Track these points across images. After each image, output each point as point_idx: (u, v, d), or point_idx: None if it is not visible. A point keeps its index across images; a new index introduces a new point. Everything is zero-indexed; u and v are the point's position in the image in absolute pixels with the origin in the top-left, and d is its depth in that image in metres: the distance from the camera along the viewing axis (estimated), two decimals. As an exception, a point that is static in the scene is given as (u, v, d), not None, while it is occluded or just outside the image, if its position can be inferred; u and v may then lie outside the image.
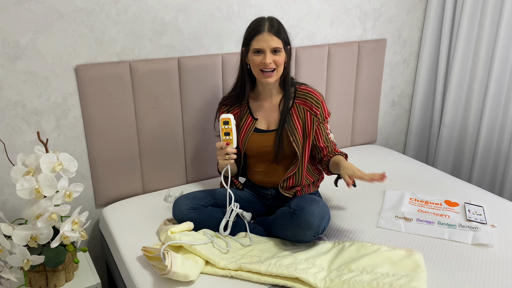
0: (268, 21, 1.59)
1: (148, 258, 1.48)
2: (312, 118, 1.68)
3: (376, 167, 2.28)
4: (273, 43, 1.56)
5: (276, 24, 1.59)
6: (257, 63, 1.59)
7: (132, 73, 1.85)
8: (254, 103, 1.75)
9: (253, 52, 1.60)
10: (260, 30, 1.57)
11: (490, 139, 2.46)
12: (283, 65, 1.63)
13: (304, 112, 1.68)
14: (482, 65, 2.43)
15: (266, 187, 1.80)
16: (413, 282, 1.31)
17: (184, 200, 1.68)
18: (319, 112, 1.68)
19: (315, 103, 1.68)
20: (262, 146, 1.71)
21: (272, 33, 1.56)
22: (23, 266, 1.44)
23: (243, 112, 1.74)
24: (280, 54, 1.59)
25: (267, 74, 1.60)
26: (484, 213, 1.82)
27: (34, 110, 1.74)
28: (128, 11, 1.80)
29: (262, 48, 1.57)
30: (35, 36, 1.66)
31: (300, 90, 1.70)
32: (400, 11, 2.53)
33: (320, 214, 1.50)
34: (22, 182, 1.41)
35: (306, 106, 1.68)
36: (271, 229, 1.66)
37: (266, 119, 1.72)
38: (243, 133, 1.73)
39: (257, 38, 1.57)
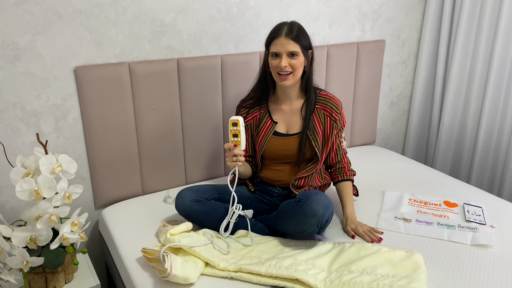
0: (288, 25, 1.63)
1: (148, 259, 1.47)
2: (331, 124, 1.72)
3: (376, 168, 2.28)
4: (290, 47, 1.59)
5: (295, 28, 1.62)
6: (274, 66, 1.63)
7: (131, 74, 1.84)
8: (274, 106, 1.77)
9: (271, 55, 1.64)
10: (278, 34, 1.61)
11: (488, 140, 2.47)
12: (301, 69, 1.65)
13: (325, 117, 1.72)
14: (481, 66, 2.43)
15: (274, 185, 1.81)
16: (413, 283, 1.31)
17: (187, 192, 1.68)
18: (338, 119, 1.73)
19: (335, 109, 1.72)
20: (282, 149, 1.73)
21: (289, 37, 1.60)
22: (22, 267, 1.43)
23: (262, 114, 1.76)
24: (297, 58, 1.61)
25: (283, 77, 1.63)
26: (483, 213, 1.82)
27: (33, 112, 1.73)
28: (127, 13, 1.80)
29: (278, 52, 1.61)
30: (34, 38, 1.66)
31: (321, 95, 1.74)
32: (398, 12, 2.53)
33: (325, 203, 1.52)
34: (21, 183, 1.40)
35: (326, 112, 1.72)
36: (273, 222, 1.67)
37: (286, 122, 1.75)
38: (262, 136, 1.74)
39: (275, 42, 1.62)
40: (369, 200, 1.95)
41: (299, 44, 1.61)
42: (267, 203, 1.82)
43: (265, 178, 1.82)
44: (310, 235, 1.58)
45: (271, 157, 1.77)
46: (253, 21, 2.09)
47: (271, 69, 1.66)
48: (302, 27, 1.66)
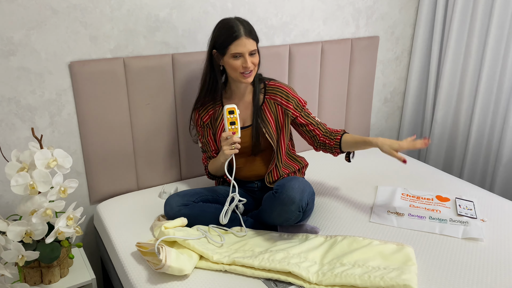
0: (241, 24, 1.62)
1: (143, 253, 1.49)
2: (284, 112, 1.74)
3: (370, 164, 2.30)
4: (250, 46, 1.62)
5: (247, 25, 1.64)
6: (237, 66, 1.63)
7: (126, 69, 1.85)
8: (227, 102, 1.78)
9: (232, 56, 1.63)
10: (238, 35, 1.60)
11: (481, 136, 2.49)
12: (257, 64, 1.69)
13: (275, 106, 1.74)
14: (473, 62, 2.46)
15: (251, 181, 1.84)
16: (404, 275, 1.33)
17: (174, 197, 1.70)
18: (292, 105, 1.73)
19: (285, 97, 1.74)
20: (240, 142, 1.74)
21: (249, 37, 1.61)
22: (17, 261, 1.44)
23: (218, 112, 1.77)
24: (256, 55, 1.66)
25: (247, 75, 1.65)
26: (474, 208, 1.85)
27: (28, 107, 1.74)
28: (122, 8, 1.80)
29: (242, 52, 1.61)
30: (28, 33, 1.66)
31: (270, 85, 1.76)
32: (392, 8, 2.55)
33: (301, 187, 1.55)
34: (16, 178, 1.41)
35: (277, 101, 1.74)
36: (260, 217, 1.69)
37: (241, 116, 1.76)
38: (221, 131, 1.76)
39: (237, 43, 1.60)
40: (362, 194, 1.97)
41: (256, 41, 1.64)
42: (255, 198, 1.84)
43: (240, 176, 1.84)
44: (297, 220, 1.60)
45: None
46: (248, 16, 2.09)
47: (230, 69, 1.65)
48: (249, 22, 1.67)
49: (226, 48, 1.62)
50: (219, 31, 1.66)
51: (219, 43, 1.64)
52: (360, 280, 1.33)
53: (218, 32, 1.66)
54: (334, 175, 2.15)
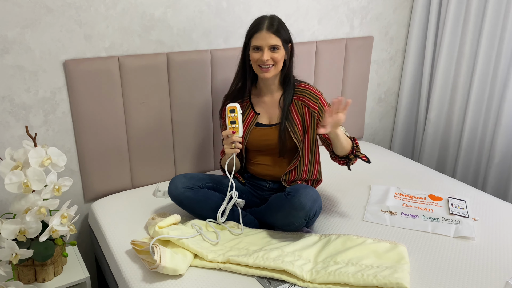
0: (269, 19, 1.65)
1: (137, 251, 1.49)
2: (310, 113, 1.73)
3: (363, 163, 2.31)
4: (271, 40, 1.62)
5: (275, 22, 1.64)
6: (256, 59, 1.65)
7: (121, 68, 1.85)
8: (256, 98, 1.79)
9: (252, 49, 1.65)
10: (259, 28, 1.63)
11: (473, 135, 2.52)
12: (281, 62, 1.67)
13: (303, 107, 1.73)
14: (466, 62, 2.48)
15: (265, 180, 1.83)
16: (397, 273, 1.34)
17: (181, 178, 1.70)
18: (317, 107, 1.72)
19: (313, 99, 1.72)
20: (264, 139, 1.75)
21: (270, 31, 1.62)
22: (11, 260, 1.44)
23: (245, 106, 1.78)
24: (278, 52, 1.64)
25: (264, 69, 1.65)
26: (466, 207, 1.87)
27: (22, 105, 1.73)
28: (117, 7, 1.80)
29: (260, 45, 1.63)
30: (23, 31, 1.66)
31: (299, 87, 1.75)
32: (387, 9, 2.56)
33: (313, 197, 1.55)
34: (10, 176, 1.41)
35: (304, 102, 1.73)
36: (263, 215, 1.69)
37: (268, 114, 1.77)
38: (245, 127, 1.76)
39: (256, 36, 1.63)
40: (356, 194, 1.99)
41: (280, 37, 1.63)
42: (257, 196, 1.84)
43: (255, 173, 1.84)
44: (298, 228, 1.61)
45: (255, 148, 1.78)
46: (243, 16, 2.10)
47: (252, 62, 1.68)
48: (282, 21, 1.68)
49: (249, 40, 1.66)
50: (249, 26, 1.69)
51: (246, 37, 1.69)
52: (353, 278, 1.34)
53: (249, 27, 1.69)
54: (328, 175, 2.16)
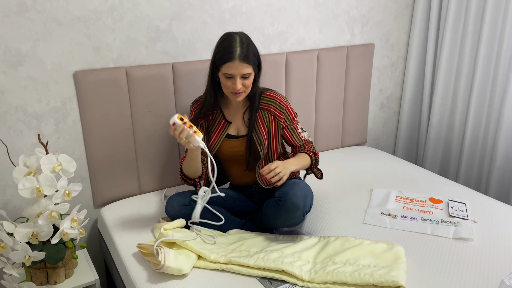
0: (240, 46, 1.60)
1: (143, 254, 1.55)
2: (276, 122, 1.76)
3: (366, 168, 2.36)
4: (243, 70, 1.60)
5: (245, 47, 1.61)
6: (228, 86, 1.64)
7: (128, 78, 1.93)
8: (225, 109, 1.80)
9: (224, 75, 1.63)
10: (232, 57, 1.59)
11: (475, 139, 2.55)
12: (251, 85, 1.67)
13: (269, 117, 1.76)
14: (466, 68, 2.51)
15: (248, 185, 1.89)
16: (393, 272, 1.38)
17: (176, 197, 1.75)
18: (283, 116, 1.76)
19: (279, 108, 1.76)
20: (233, 151, 1.79)
21: (242, 60, 1.59)
22: (24, 262, 1.51)
23: (216, 115, 1.79)
24: (250, 78, 1.64)
25: (236, 95, 1.66)
26: (466, 209, 1.89)
27: (34, 114, 1.82)
28: (124, 19, 1.89)
29: (233, 74, 1.61)
30: (35, 44, 1.75)
31: (265, 96, 1.77)
32: (387, 16, 2.62)
33: (303, 194, 1.62)
34: (23, 182, 1.49)
35: (270, 112, 1.76)
36: (261, 221, 1.74)
37: (236, 124, 1.79)
38: (216, 135, 1.78)
39: (228, 65, 1.60)
40: (358, 197, 2.03)
41: (251, 64, 1.62)
42: (254, 201, 1.90)
43: (236, 183, 1.91)
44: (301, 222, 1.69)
45: (226, 158, 1.83)
46: (245, 26, 2.17)
47: (223, 87, 1.67)
48: (250, 42, 1.64)
49: (220, 66, 1.62)
50: (218, 47, 1.65)
51: (216, 58, 1.65)
52: (350, 278, 1.38)
53: (217, 47, 1.65)
54: (331, 179, 2.21)
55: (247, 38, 1.65)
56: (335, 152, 2.59)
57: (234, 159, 1.82)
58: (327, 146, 2.61)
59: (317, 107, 2.49)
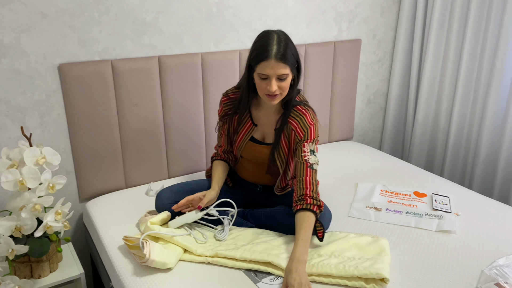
0: (277, 44, 1.49)
1: (129, 247, 1.54)
2: (295, 138, 1.66)
3: (352, 162, 2.38)
4: (279, 70, 1.49)
5: (283, 46, 1.50)
6: (263, 88, 1.54)
7: (114, 71, 1.91)
8: (255, 111, 1.72)
9: (259, 76, 1.53)
10: (267, 56, 1.48)
11: (459, 134, 2.58)
12: (288, 88, 1.57)
13: (290, 131, 1.66)
14: (451, 64, 2.55)
15: (254, 183, 1.86)
16: (377, 264, 1.40)
17: (166, 193, 1.74)
18: (303, 136, 1.63)
19: (303, 127, 1.63)
20: (255, 155, 1.76)
21: (279, 59, 1.48)
22: (8, 255, 1.49)
23: (243, 115, 1.73)
24: (287, 80, 1.53)
25: (271, 97, 1.56)
26: (449, 203, 1.92)
27: (18, 107, 1.80)
28: (109, 12, 1.87)
29: (268, 75, 1.50)
30: (18, 36, 1.72)
31: (296, 110, 1.65)
32: (374, 12, 2.63)
33: (329, 218, 1.68)
34: (6, 174, 1.47)
35: (293, 127, 1.64)
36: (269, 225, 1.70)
37: (262, 129, 1.72)
38: (241, 136, 1.74)
39: (264, 65, 1.49)
40: (343, 191, 2.04)
41: (289, 64, 1.50)
42: (248, 197, 1.88)
43: (244, 177, 1.87)
44: None
45: (248, 158, 1.80)
46: (232, 20, 2.17)
47: (258, 88, 1.57)
48: (289, 41, 1.53)
49: (255, 65, 1.52)
50: (255, 45, 1.55)
51: (251, 58, 1.55)
52: (335, 270, 1.40)
53: (254, 45, 1.55)
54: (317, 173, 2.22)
55: (286, 37, 1.54)
56: (322, 147, 2.61)
57: (256, 161, 1.78)
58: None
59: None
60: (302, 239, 1.45)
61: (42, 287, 1.63)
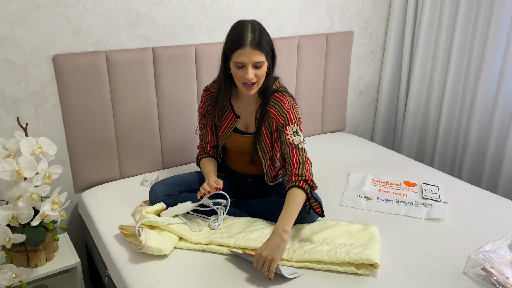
0: (251, 32, 1.52)
1: (125, 235, 1.57)
2: (277, 127, 1.67)
3: (344, 153, 2.41)
4: (255, 57, 1.51)
5: (258, 34, 1.52)
6: (239, 76, 1.56)
7: (108, 62, 1.93)
8: (235, 102, 1.74)
9: (235, 64, 1.55)
10: (242, 44, 1.50)
11: (449, 126, 2.63)
12: (264, 76, 1.59)
13: (271, 119, 1.67)
14: (442, 56, 2.59)
15: (245, 174, 1.88)
16: (367, 250, 1.44)
17: (160, 186, 1.76)
18: (283, 121, 1.65)
19: (281, 112, 1.65)
20: (239, 146, 1.78)
21: (254, 47, 1.50)
22: (5, 244, 1.51)
23: (225, 107, 1.75)
24: (262, 67, 1.56)
25: (248, 87, 1.58)
26: (439, 192, 1.97)
27: (13, 98, 1.80)
28: (104, 3, 1.88)
29: (244, 63, 1.53)
30: (13, 26, 1.73)
31: (274, 97, 1.67)
32: (366, 4, 2.66)
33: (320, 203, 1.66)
34: (3, 164, 1.48)
35: (273, 114, 1.67)
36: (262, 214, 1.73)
37: (245, 120, 1.75)
38: (223, 128, 1.77)
39: (239, 52, 1.51)
40: (335, 181, 2.08)
41: (264, 52, 1.53)
42: (240, 187, 1.90)
43: (235, 169, 1.89)
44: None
45: (232, 148, 1.82)
46: (225, 12, 2.18)
47: (234, 77, 1.60)
48: (263, 29, 1.57)
49: (231, 54, 1.54)
50: (229, 34, 1.57)
51: (227, 47, 1.57)
52: (327, 256, 1.43)
53: (229, 35, 1.57)
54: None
55: (260, 26, 1.57)
56: (315, 138, 2.64)
57: (240, 151, 1.80)
58: (307, 133, 2.66)
59: (297, 94, 2.52)
60: (285, 213, 1.48)
61: (38, 275, 1.65)
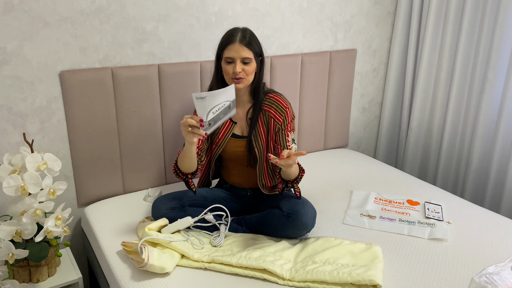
0: (241, 32, 1.68)
1: (127, 252, 1.57)
2: (275, 125, 1.76)
3: (347, 170, 2.42)
4: (243, 53, 1.64)
5: (248, 35, 1.68)
6: (228, 71, 1.68)
7: (114, 79, 1.95)
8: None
9: (225, 61, 1.68)
10: (232, 40, 1.65)
11: (452, 144, 2.63)
12: (252, 75, 1.71)
13: (269, 118, 1.76)
14: (445, 75, 2.60)
15: (244, 188, 1.91)
16: (370, 271, 1.44)
17: (162, 201, 1.78)
18: (282, 119, 1.76)
19: (280, 111, 1.76)
20: (236, 151, 1.81)
21: (243, 44, 1.65)
22: (8, 259, 1.52)
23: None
24: (250, 64, 1.67)
25: (236, 80, 1.67)
26: (442, 211, 1.97)
27: (20, 113, 1.82)
28: (110, 21, 1.91)
29: (233, 57, 1.65)
30: (21, 43, 1.75)
31: (269, 97, 1.79)
32: (369, 23, 2.69)
33: (313, 214, 1.69)
34: (8, 180, 1.49)
35: (271, 114, 1.76)
36: (260, 229, 1.74)
37: (240, 124, 1.81)
38: (221, 136, 1.80)
39: (229, 48, 1.65)
40: (338, 198, 2.08)
41: (252, 50, 1.66)
42: (243, 204, 1.92)
43: (234, 183, 1.91)
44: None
45: (229, 157, 1.85)
46: (230, 30, 2.21)
47: (224, 74, 1.70)
48: (254, 34, 1.71)
49: (222, 52, 1.68)
50: (222, 36, 1.72)
51: (218, 47, 1.71)
52: (329, 276, 1.43)
53: (221, 38, 1.72)
54: (312, 180, 2.26)
55: (251, 31, 1.72)
56: (318, 154, 2.65)
57: (237, 158, 1.83)
58: (310, 149, 2.67)
59: (300, 110, 2.54)
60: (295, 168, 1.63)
61: (40, 291, 1.65)
